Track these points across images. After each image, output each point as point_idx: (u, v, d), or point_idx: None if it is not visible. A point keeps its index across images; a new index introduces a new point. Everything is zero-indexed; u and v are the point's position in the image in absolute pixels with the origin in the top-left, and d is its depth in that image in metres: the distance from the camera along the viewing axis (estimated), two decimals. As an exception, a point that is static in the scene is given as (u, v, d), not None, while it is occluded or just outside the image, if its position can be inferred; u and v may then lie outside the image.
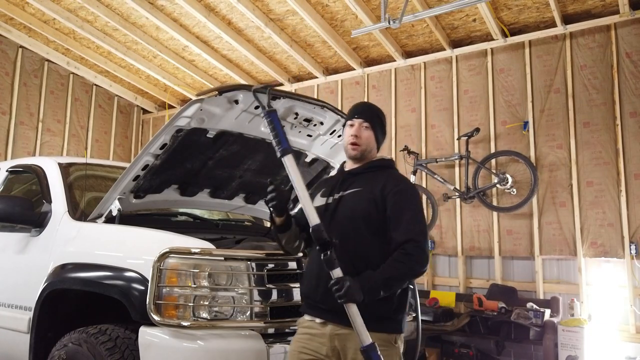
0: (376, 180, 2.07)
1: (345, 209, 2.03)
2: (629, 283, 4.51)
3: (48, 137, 7.11)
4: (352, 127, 2.14)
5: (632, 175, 4.63)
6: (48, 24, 6.36)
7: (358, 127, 2.13)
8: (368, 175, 2.10)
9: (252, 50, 6.15)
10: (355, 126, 2.13)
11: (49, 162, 3.40)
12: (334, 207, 2.06)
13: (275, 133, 2.07)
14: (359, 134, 2.11)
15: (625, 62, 4.77)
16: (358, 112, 2.17)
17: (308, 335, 2.02)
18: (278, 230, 2.13)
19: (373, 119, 2.16)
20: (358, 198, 2.04)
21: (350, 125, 2.15)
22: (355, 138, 2.11)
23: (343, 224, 2.01)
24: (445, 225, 5.55)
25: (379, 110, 2.25)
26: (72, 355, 2.45)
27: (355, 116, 2.16)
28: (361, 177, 2.11)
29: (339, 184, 2.13)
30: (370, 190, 2.03)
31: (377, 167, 2.14)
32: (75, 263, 2.67)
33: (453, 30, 5.50)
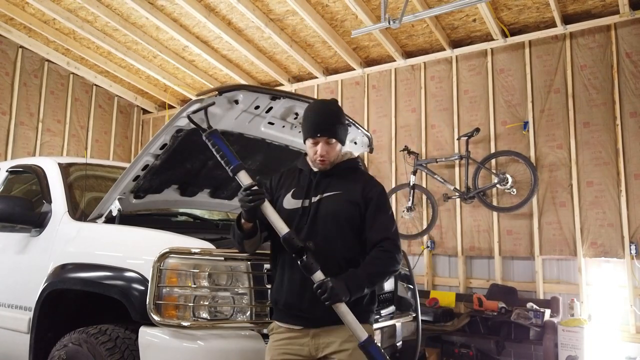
0: (351, 182, 2.07)
1: (327, 212, 2.01)
2: (629, 283, 4.51)
3: (48, 137, 7.11)
4: (315, 144, 2.03)
5: (632, 175, 4.63)
6: (48, 24, 6.36)
7: (323, 146, 2.02)
8: (341, 177, 2.08)
9: (252, 50, 6.15)
10: (320, 145, 2.02)
11: (49, 162, 3.40)
12: (314, 210, 2.01)
13: (221, 154, 2.10)
14: (326, 152, 2.03)
15: (625, 62, 4.77)
16: (320, 130, 2.02)
17: (286, 340, 2.00)
18: (245, 236, 2.07)
19: (337, 131, 2.05)
20: (340, 201, 2.02)
21: (314, 143, 2.04)
22: (322, 157, 2.03)
23: (326, 227, 1.99)
24: (446, 226, 5.55)
25: (338, 111, 2.09)
26: (72, 355, 2.45)
27: (317, 135, 2.02)
28: (335, 179, 2.08)
29: (313, 186, 2.07)
30: (350, 194, 2.03)
31: (348, 169, 2.12)
32: (75, 263, 2.67)
33: (453, 30, 5.50)
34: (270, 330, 2.08)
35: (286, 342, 1.99)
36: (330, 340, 1.94)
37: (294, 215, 2.03)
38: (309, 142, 2.06)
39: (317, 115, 2.06)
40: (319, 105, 2.13)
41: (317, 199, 2.04)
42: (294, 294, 1.98)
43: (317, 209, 2.01)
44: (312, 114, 2.08)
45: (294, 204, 2.06)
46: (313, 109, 2.10)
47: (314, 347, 1.96)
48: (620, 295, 4.56)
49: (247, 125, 2.87)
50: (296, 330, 1.99)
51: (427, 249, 5.59)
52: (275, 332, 2.05)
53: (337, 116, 2.08)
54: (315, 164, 2.07)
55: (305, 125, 2.08)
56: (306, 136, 2.07)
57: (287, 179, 2.18)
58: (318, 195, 2.04)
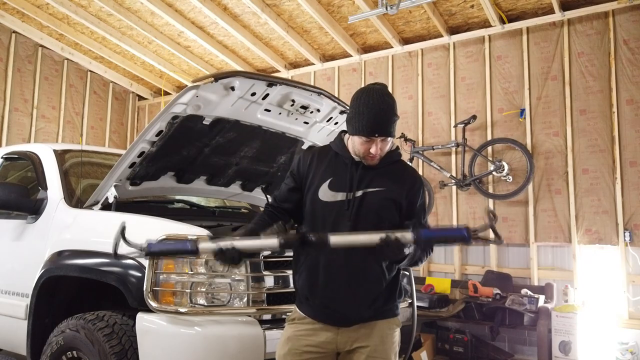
0: (395, 179, 1.96)
1: (370, 209, 1.91)
2: (622, 270, 4.56)
3: (43, 124, 7.07)
4: (369, 142, 1.88)
5: (627, 163, 4.65)
6: (41, 9, 6.28)
7: (378, 145, 1.88)
8: (384, 171, 1.96)
9: (248, 36, 6.10)
10: (375, 144, 1.88)
11: (44, 148, 3.38)
12: (356, 205, 1.89)
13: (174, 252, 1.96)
14: (381, 151, 1.91)
15: (622, 50, 4.76)
16: (378, 129, 1.85)
17: (310, 331, 1.93)
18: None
19: (394, 129, 1.90)
20: (383, 199, 1.92)
21: (367, 141, 1.88)
22: (374, 155, 1.90)
23: (367, 224, 1.89)
24: (441, 213, 5.57)
25: (394, 105, 1.90)
26: (69, 341, 2.46)
27: (375, 135, 1.86)
28: (378, 173, 1.95)
29: (355, 180, 1.92)
30: (394, 192, 1.93)
31: (391, 163, 1.99)
32: (71, 250, 2.68)
33: (451, 16, 5.47)
34: (291, 319, 1.99)
35: (310, 333, 1.92)
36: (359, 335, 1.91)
37: (331, 208, 1.90)
38: (360, 139, 1.88)
39: (375, 112, 1.85)
40: (375, 99, 1.86)
41: (360, 194, 1.91)
42: (334, 295, 1.89)
43: (360, 204, 1.90)
44: (368, 110, 1.85)
45: (332, 196, 1.92)
46: (368, 105, 1.86)
47: (341, 342, 1.91)
48: (613, 281, 4.61)
49: (244, 112, 2.86)
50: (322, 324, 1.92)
51: (423, 235, 5.61)
52: (298, 321, 1.96)
53: (394, 111, 1.90)
54: (365, 160, 1.92)
55: (357, 119, 1.86)
56: (358, 133, 1.87)
57: (319, 162, 2.00)
58: (361, 191, 1.91)
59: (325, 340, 1.90)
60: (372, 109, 1.85)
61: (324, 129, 3.24)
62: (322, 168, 1.98)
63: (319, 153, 2.04)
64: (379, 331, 1.92)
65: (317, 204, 1.93)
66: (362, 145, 1.88)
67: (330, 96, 2.96)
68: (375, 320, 1.92)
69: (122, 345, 2.32)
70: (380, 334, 1.92)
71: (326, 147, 2.07)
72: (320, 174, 1.96)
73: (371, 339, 1.90)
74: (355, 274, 1.88)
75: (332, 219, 1.90)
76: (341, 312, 1.90)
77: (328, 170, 1.97)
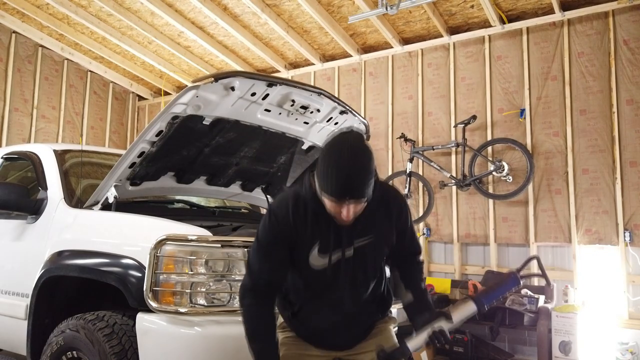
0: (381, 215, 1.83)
1: (365, 262, 1.82)
2: (622, 270, 4.56)
3: (43, 124, 7.06)
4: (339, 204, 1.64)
5: (627, 163, 4.65)
6: (41, 9, 6.28)
7: (350, 208, 1.65)
8: (369, 212, 1.75)
9: (248, 36, 6.10)
10: (346, 208, 1.64)
11: (44, 148, 3.38)
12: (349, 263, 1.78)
13: None
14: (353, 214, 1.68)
15: (622, 50, 4.76)
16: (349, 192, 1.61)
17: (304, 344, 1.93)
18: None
19: (367, 190, 1.64)
20: (376, 248, 1.83)
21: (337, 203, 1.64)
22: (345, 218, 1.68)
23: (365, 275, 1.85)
24: (442, 213, 5.57)
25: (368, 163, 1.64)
26: (69, 341, 2.46)
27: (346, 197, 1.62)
28: (364, 216, 1.74)
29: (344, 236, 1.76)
30: (384, 235, 1.84)
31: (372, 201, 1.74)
32: (71, 250, 2.67)
33: (451, 16, 5.47)
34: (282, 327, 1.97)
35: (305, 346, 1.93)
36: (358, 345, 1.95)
37: (326, 272, 1.79)
38: (330, 199, 1.64)
39: (346, 173, 1.60)
40: (347, 157, 1.60)
41: (350, 251, 1.78)
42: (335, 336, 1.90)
43: (354, 261, 1.79)
44: (338, 170, 1.60)
45: (322, 261, 1.77)
46: (339, 164, 1.60)
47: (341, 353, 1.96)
48: (613, 281, 4.61)
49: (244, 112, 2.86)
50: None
51: (423, 235, 5.62)
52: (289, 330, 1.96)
53: (368, 170, 1.63)
54: (336, 220, 1.72)
55: (326, 179, 1.62)
56: (327, 193, 1.63)
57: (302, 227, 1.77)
58: (351, 247, 1.78)
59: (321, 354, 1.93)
60: (342, 170, 1.59)
61: (324, 129, 3.24)
62: (307, 231, 1.77)
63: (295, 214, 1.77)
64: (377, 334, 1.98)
65: (309, 271, 1.79)
66: (332, 207, 1.67)
67: (331, 96, 2.96)
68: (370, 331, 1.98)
69: (122, 345, 2.32)
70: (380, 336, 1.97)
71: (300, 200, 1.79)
72: (308, 240, 1.77)
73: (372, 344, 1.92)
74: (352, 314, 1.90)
75: (329, 281, 1.81)
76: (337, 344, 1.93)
77: (313, 232, 1.77)
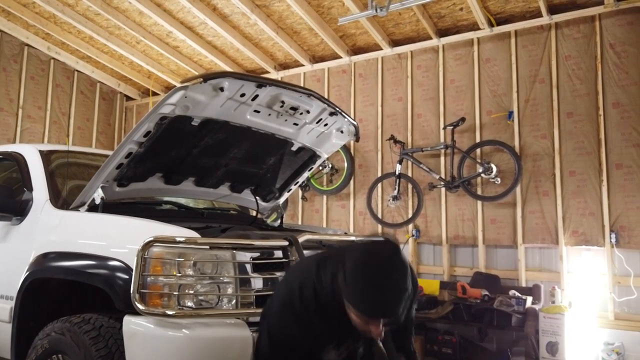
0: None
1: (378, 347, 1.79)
2: (608, 271, 4.61)
3: (28, 124, 6.97)
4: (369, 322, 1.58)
5: (613, 165, 4.70)
6: (28, 8, 6.20)
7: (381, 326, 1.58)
8: None
9: (237, 37, 6.08)
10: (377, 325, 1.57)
11: (29, 149, 3.33)
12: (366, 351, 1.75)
13: None
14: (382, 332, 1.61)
15: (609, 53, 4.82)
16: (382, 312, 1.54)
17: None
18: None
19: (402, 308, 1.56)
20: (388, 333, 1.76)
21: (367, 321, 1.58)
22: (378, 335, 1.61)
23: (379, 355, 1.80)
24: (430, 214, 5.59)
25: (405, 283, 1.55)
26: (55, 344, 2.43)
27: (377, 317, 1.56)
28: None
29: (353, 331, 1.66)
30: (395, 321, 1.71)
31: None
32: (57, 252, 2.64)
33: (440, 19, 5.50)
34: None
35: None
36: None
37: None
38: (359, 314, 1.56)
39: (379, 294, 1.50)
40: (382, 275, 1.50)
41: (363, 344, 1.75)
42: None
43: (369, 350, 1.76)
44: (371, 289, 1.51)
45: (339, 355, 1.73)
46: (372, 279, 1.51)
47: None
48: (599, 282, 4.66)
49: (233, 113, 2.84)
50: None
51: (412, 237, 5.63)
52: None
53: (404, 288, 1.53)
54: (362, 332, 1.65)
55: (356, 294, 1.53)
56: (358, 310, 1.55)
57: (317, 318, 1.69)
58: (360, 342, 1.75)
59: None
60: (378, 290, 1.51)
61: (313, 130, 3.24)
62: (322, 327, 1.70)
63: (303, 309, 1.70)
64: None
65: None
66: (361, 322, 1.58)
67: (320, 97, 2.96)
68: None
69: (109, 348, 2.29)
70: None
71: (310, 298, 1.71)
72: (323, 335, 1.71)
73: None
74: None
75: None
76: None
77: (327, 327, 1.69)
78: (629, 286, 4.51)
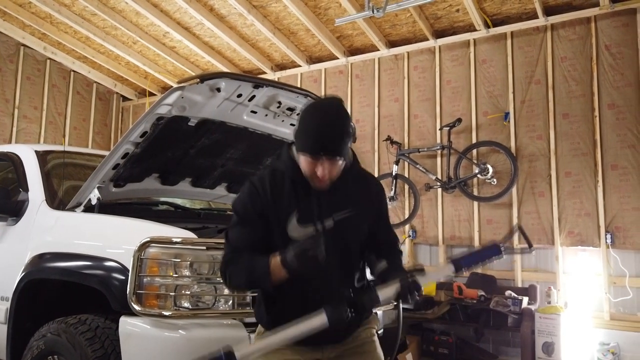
0: (358, 194, 1.82)
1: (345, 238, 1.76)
2: (604, 271, 4.62)
3: (24, 124, 6.95)
4: (314, 161, 1.65)
5: (609, 166, 4.72)
6: (24, 8, 6.18)
7: (326, 166, 1.65)
8: (345, 188, 1.78)
9: (234, 37, 6.07)
10: (322, 165, 1.65)
11: (25, 149, 3.33)
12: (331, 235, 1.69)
13: None
14: (329, 173, 1.67)
15: (604, 55, 4.84)
16: (324, 147, 1.63)
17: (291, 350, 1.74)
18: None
19: (344, 148, 1.66)
20: (356, 224, 1.77)
21: (313, 160, 1.65)
22: (320, 178, 1.68)
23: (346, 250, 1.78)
24: (427, 215, 5.60)
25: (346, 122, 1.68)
26: (51, 345, 2.42)
27: (320, 153, 1.64)
28: (340, 193, 1.76)
29: (319, 207, 1.73)
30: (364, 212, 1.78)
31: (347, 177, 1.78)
32: (53, 252, 2.63)
33: (436, 20, 5.51)
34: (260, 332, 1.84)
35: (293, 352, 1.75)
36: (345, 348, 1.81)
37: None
38: (305, 157, 1.67)
39: (322, 128, 1.64)
40: (322, 113, 1.68)
41: (329, 223, 1.71)
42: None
43: (334, 234, 1.70)
44: (315, 125, 1.65)
45: (303, 231, 1.69)
46: (315, 118, 1.67)
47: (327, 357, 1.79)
48: (595, 283, 4.67)
49: (230, 113, 2.85)
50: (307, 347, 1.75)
51: (408, 238, 5.64)
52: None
53: (344, 127, 1.66)
54: (312, 181, 1.72)
55: (303, 135, 1.67)
56: (303, 150, 1.66)
57: (279, 196, 1.76)
58: (330, 220, 1.71)
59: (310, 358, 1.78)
60: (319, 125, 1.65)
61: (310, 131, 3.23)
62: (284, 201, 1.75)
63: (272, 182, 1.77)
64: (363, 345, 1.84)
65: (288, 241, 1.70)
66: (307, 165, 1.68)
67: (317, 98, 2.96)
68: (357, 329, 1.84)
69: (105, 349, 2.29)
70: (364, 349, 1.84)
71: (278, 172, 1.80)
72: (285, 208, 1.73)
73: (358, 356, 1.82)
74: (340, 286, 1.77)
75: None
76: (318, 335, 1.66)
77: (290, 201, 1.74)
78: (624, 286, 4.53)
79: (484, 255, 1.85)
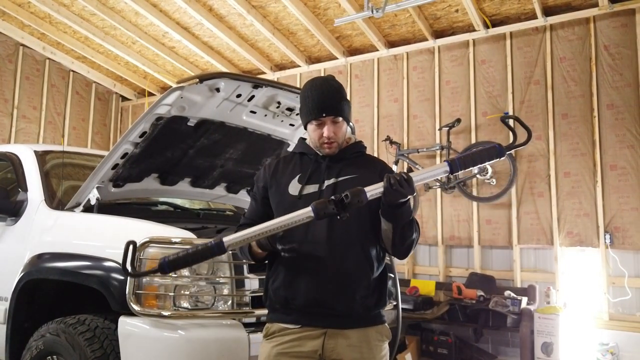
0: (365, 167, 1.89)
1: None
2: (603, 272, 4.63)
3: (23, 124, 6.95)
4: (320, 126, 1.84)
5: (607, 166, 4.73)
6: (23, 8, 6.18)
7: (330, 127, 1.83)
8: (352, 162, 1.90)
9: (233, 37, 6.08)
10: (326, 126, 1.83)
11: (24, 149, 3.32)
12: (331, 193, 1.77)
13: None
14: (334, 134, 1.84)
15: (603, 55, 4.85)
16: (325, 108, 1.82)
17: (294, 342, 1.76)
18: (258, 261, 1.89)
19: (343, 109, 1.86)
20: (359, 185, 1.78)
21: (318, 125, 1.84)
22: (329, 139, 1.84)
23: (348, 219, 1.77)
24: (426, 215, 5.60)
25: (340, 87, 1.90)
26: (49, 345, 2.42)
27: (323, 114, 1.82)
28: (346, 164, 1.89)
29: (324, 170, 1.86)
30: (367, 179, 1.75)
31: (357, 153, 1.94)
32: (52, 253, 2.63)
33: (436, 20, 5.51)
34: (270, 334, 1.82)
35: (294, 345, 1.76)
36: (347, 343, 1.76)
37: (304, 201, 1.76)
38: (311, 125, 1.85)
39: (320, 93, 1.84)
40: (319, 82, 1.88)
41: (331, 182, 1.82)
42: (319, 289, 1.75)
43: (333, 193, 1.74)
44: (313, 92, 1.85)
45: (302, 189, 1.82)
46: (313, 87, 1.87)
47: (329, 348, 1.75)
48: (594, 283, 4.68)
49: (229, 113, 2.85)
50: (308, 330, 1.77)
51: (407, 238, 5.63)
52: (278, 335, 1.80)
53: (340, 92, 1.88)
54: (322, 148, 1.86)
55: (306, 106, 1.85)
56: (308, 118, 1.84)
57: (285, 165, 1.93)
58: (332, 179, 1.83)
59: (311, 349, 1.76)
60: (317, 91, 1.85)
61: (309, 131, 3.24)
62: (289, 168, 1.91)
63: (283, 159, 1.98)
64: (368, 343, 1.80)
65: (287, 197, 1.84)
66: (315, 132, 1.85)
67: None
68: (365, 327, 1.81)
69: (104, 349, 2.28)
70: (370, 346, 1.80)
71: (289, 153, 2.02)
72: (288, 174, 1.89)
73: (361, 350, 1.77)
74: (341, 263, 1.76)
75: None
76: (329, 307, 1.75)
77: (295, 168, 1.90)
78: (623, 287, 4.54)
79: (483, 156, 1.76)
